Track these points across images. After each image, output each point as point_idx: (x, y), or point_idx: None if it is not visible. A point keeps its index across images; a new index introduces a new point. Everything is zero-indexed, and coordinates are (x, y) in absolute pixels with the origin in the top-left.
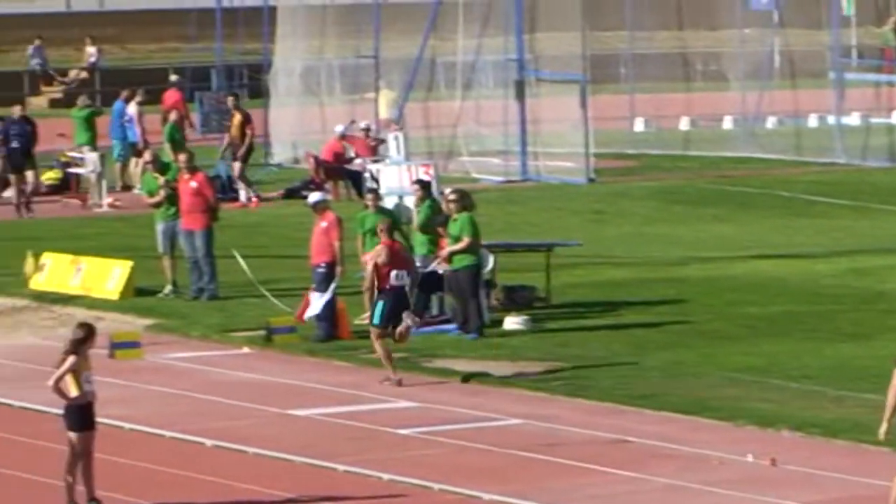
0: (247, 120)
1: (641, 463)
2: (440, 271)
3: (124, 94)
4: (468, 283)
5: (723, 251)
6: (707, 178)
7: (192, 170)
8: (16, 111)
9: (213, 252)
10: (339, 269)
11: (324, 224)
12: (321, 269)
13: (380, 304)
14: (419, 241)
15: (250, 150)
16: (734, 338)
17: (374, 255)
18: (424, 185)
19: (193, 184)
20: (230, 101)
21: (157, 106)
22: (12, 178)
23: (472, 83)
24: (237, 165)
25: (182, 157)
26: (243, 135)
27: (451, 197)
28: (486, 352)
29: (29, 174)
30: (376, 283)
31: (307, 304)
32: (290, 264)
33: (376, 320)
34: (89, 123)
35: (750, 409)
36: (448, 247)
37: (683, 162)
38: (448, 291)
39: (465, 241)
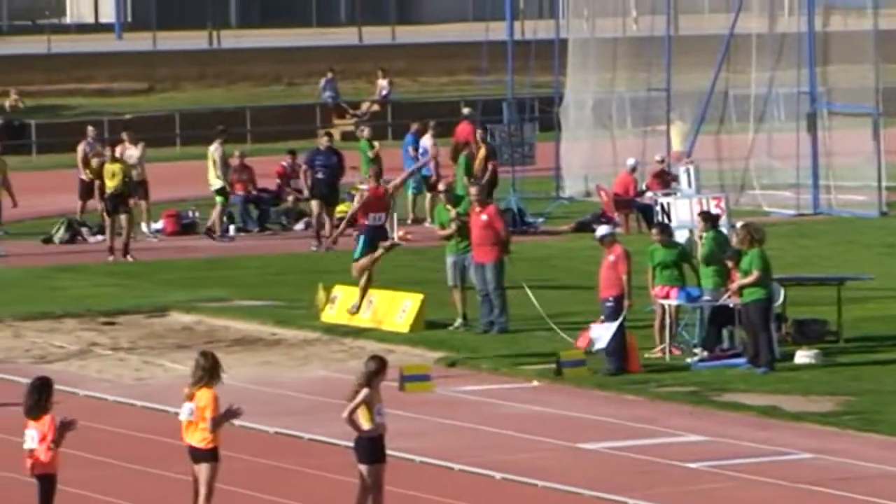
0: (491, 156)
1: None
2: (731, 304)
3: (414, 126)
4: (758, 316)
5: None
6: None
7: (483, 202)
8: (323, 142)
9: (503, 285)
10: (626, 303)
11: (611, 257)
12: (609, 303)
13: (361, 239)
14: (705, 274)
15: (493, 185)
16: None
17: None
18: (708, 218)
19: (484, 217)
20: (479, 133)
21: (449, 139)
22: (313, 205)
23: (764, 116)
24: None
25: (473, 190)
26: (485, 168)
27: (742, 231)
28: (776, 386)
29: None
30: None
31: (587, 335)
32: (581, 297)
33: (356, 254)
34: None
35: None
36: (738, 280)
37: None
38: (739, 325)
39: (755, 275)
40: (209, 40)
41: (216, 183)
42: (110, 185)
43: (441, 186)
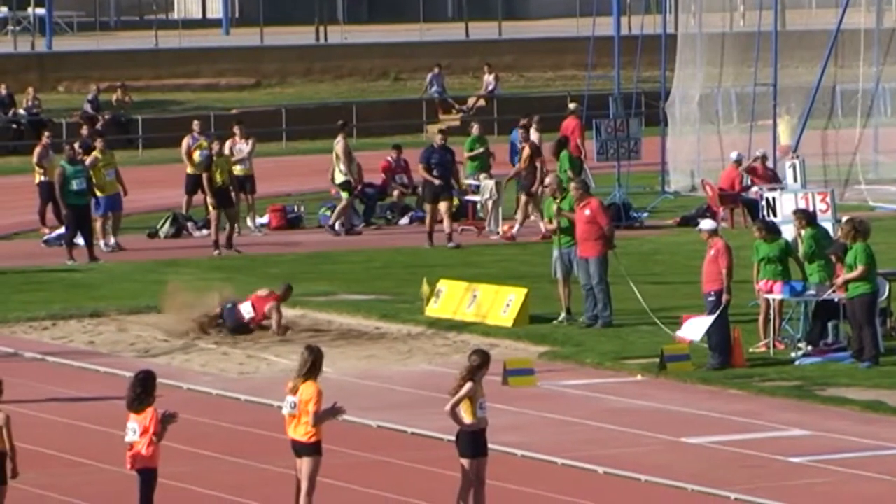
0: (536, 153)
1: None
2: (836, 299)
3: (522, 121)
4: (863, 311)
5: None
6: None
7: (585, 197)
8: (437, 139)
9: (606, 279)
10: (725, 297)
11: (712, 252)
12: (711, 298)
13: None
14: (810, 270)
15: (539, 182)
16: None
17: None
18: (804, 215)
19: (587, 211)
20: (520, 133)
21: (555, 134)
22: (427, 206)
23: (871, 111)
24: (522, 197)
25: (574, 185)
26: (532, 166)
27: (846, 226)
28: (880, 380)
29: (443, 206)
30: None
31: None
32: (684, 292)
33: None
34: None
35: None
36: (843, 275)
37: None
38: (844, 319)
39: (860, 269)
40: (316, 36)
41: (340, 177)
42: (218, 179)
43: (548, 181)
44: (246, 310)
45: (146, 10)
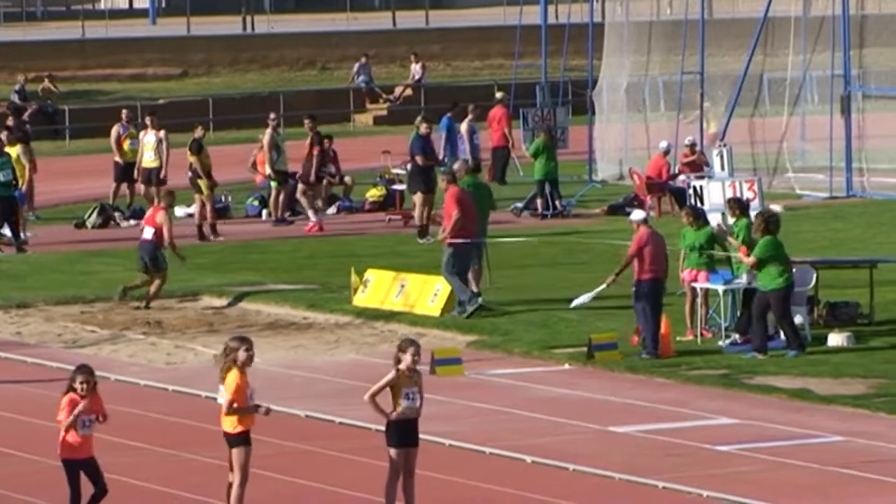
0: (315, 142)
1: None
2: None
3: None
4: (776, 305)
5: None
6: None
7: (449, 186)
8: (423, 127)
9: (453, 270)
10: (610, 278)
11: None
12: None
13: None
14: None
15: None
16: None
17: None
18: (738, 205)
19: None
20: (307, 123)
21: (484, 123)
22: (420, 196)
23: (798, 99)
24: (299, 186)
25: (441, 175)
26: (310, 155)
27: (757, 219)
28: (807, 369)
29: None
30: None
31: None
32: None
33: None
34: None
35: None
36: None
37: None
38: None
39: (752, 260)
40: (243, 25)
41: (277, 167)
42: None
43: (456, 166)
44: (147, 234)
45: (73, 1)
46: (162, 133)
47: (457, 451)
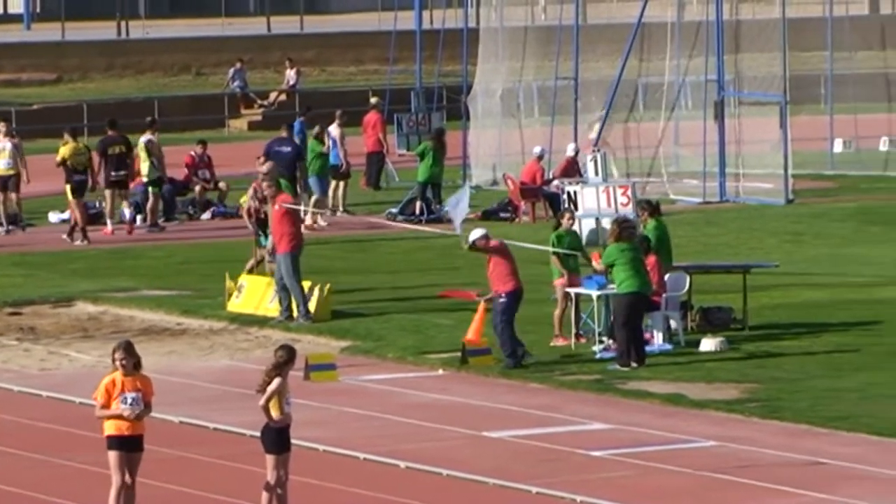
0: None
1: (835, 485)
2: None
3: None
4: (619, 311)
5: None
6: None
7: (277, 194)
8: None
9: (295, 277)
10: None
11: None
12: (502, 299)
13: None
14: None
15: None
16: None
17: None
18: (647, 206)
19: (276, 207)
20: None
21: (357, 128)
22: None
23: (671, 104)
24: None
25: (265, 182)
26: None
27: (613, 225)
28: (681, 374)
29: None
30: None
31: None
32: (484, 285)
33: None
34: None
35: None
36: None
37: (882, 183)
38: (649, 313)
39: (600, 267)
40: (118, 31)
41: (152, 174)
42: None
43: (265, 168)
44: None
45: None
46: (16, 140)
47: (331, 456)
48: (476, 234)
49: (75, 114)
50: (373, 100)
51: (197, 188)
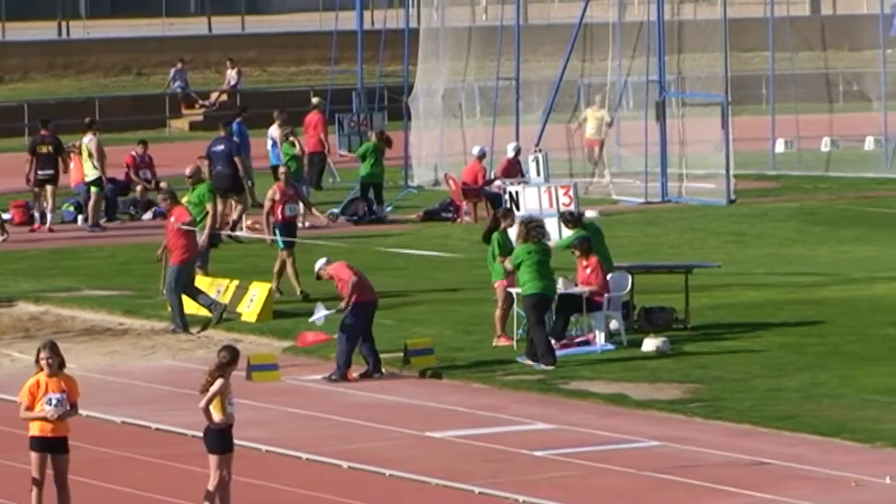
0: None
1: (778, 485)
2: (577, 293)
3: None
4: (527, 312)
5: (863, 272)
6: (848, 200)
7: (173, 206)
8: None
9: (179, 291)
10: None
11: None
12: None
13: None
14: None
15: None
16: (873, 359)
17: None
18: (570, 219)
19: (172, 218)
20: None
21: (299, 128)
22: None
23: (613, 104)
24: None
25: (160, 195)
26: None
27: (520, 227)
28: (624, 374)
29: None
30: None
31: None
32: (426, 286)
33: (282, 245)
34: None
35: (889, 430)
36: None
37: (824, 183)
38: (589, 313)
39: (509, 267)
40: (58, 31)
41: (92, 174)
42: None
43: (188, 171)
44: None
45: None
46: None
47: (273, 456)
48: (319, 263)
49: (16, 114)
50: (314, 100)
51: (138, 188)
